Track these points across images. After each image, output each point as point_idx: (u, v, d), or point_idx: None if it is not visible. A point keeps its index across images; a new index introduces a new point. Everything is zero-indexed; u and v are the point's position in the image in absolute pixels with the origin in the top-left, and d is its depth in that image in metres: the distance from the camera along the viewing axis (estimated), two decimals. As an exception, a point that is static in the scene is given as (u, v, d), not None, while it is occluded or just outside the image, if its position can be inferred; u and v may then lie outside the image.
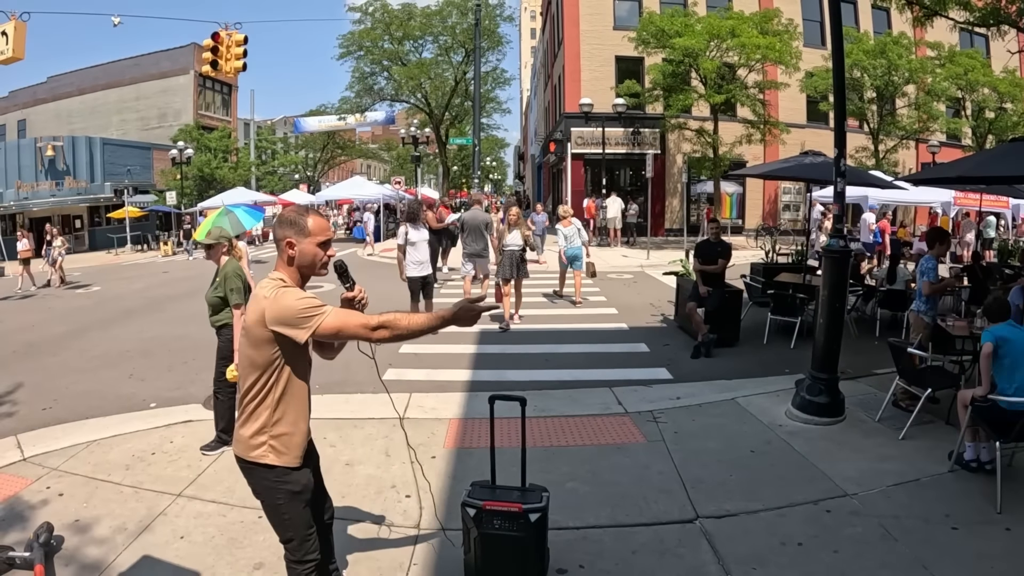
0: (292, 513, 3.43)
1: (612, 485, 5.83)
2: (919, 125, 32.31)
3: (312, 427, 7.25)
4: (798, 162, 12.35)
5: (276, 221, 3.52)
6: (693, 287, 11.42)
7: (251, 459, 3.34)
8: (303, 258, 3.38)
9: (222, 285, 6.67)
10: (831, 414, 7.30)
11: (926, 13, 13.85)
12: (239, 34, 18.22)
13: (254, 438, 3.33)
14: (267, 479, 3.37)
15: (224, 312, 6.74)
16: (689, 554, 4.74)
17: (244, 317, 3.40)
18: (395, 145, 73.44)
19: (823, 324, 7.51)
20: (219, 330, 6.86)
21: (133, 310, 15.83)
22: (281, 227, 3.40)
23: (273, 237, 3.61)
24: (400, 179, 47.38)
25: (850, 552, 4.73)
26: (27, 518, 5.28)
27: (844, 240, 7.58)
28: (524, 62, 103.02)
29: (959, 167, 10.63)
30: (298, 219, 3.41)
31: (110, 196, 41.05)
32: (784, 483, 5.84)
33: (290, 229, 3.37)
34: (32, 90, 57.61)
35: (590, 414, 7.67)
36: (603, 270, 21.90)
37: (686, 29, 27.78)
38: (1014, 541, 4.84)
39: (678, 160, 35.02)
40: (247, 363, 3.34)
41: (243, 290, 6.61)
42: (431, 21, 48.24)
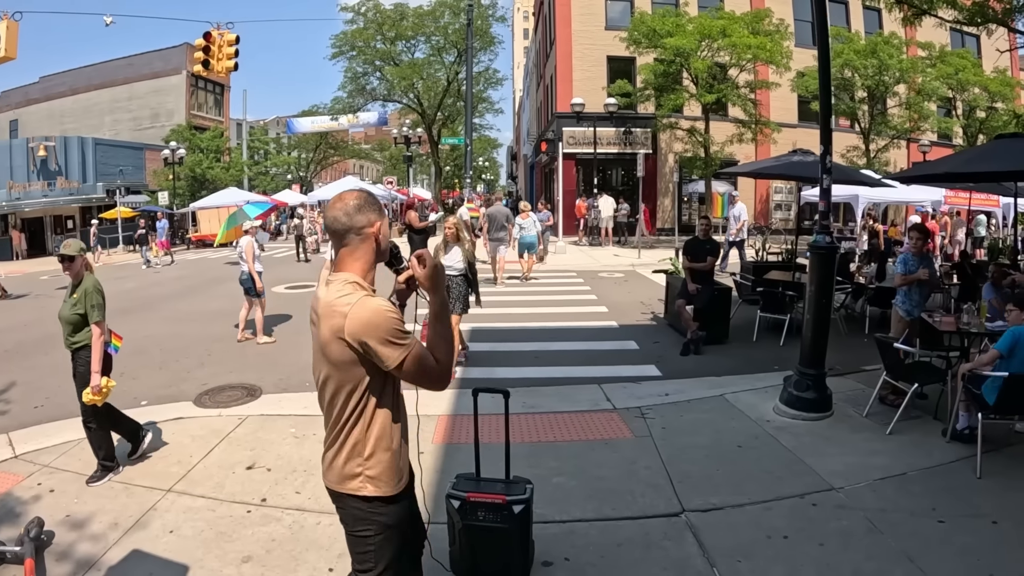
0: (380, 546, 3.03)
1: (599, 480, 5.86)
2: (910, 125, 32.41)
3: (301, 423, 7.37)
4: (787, 160, 12.41)
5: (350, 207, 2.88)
6: (682, 285, 11.46)
7: (346, 491, 2.97)
8: (383, 246, 2.97)
9: (82, 301, 5.94)
10: (818, 409, 7.35)
11: (915, 12, 13.90)
12: (231, 34, 18.24)
13: (347, 467, 2.94)
14: (360, 510, 2.99)
15: (85, 332, 6.01)
16: (674, 547, 4.78)
17: (317, 331, 2.88)
18: (388, 145, 73.37)
19: (810, 320, 7.57)
20: (77, 352, 6.09)
21: (125, 309, 15.77)
22: (362, 211, 2.88)
23: (337, 227, 2.90)
24: (392, 179, 47.48)
25: (836, 545, 4.77)
26: (18, 514, 5.31)
27: (831, 237, 7.63)
28: (517, 62, 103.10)
29: (947, 164, 10.71)
30: (376, 199, 2.99)
31: (102, 196, 40.94)
32: (771, 477, 5.88)
33: (374, 212, 2.91)
34: (24, 90, 57.34)
35: (579, 410, 7.70)
36: (594, 269, 21.99)
37: (677, 29, 27.79)
38: (1000, 534, 4.89)
39: (670, 159, 35.06)
40: (333, 383, 2.89)
41: (104, 306, 6.04)
42: (423, 21, 48.20)
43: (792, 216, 34.43)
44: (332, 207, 2.90)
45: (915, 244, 8.48)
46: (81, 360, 6.02)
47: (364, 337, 2.71)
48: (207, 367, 10.24)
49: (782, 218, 36.47)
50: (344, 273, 2.87)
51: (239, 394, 8.62)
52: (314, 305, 2.95)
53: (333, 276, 2.89)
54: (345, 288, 2.80)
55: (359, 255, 2.90)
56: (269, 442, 6.85)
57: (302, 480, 5.91)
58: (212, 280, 21.32)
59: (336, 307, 2.75)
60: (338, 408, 2.90)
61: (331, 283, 2.87)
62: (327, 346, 2.80)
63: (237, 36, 18.33)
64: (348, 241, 2.88)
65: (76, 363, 6.08)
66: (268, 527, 5.06)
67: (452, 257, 9.46)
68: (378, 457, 2.95)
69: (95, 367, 5.79)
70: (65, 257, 6.03)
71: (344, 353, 2.76)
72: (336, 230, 2.88)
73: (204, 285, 20.05)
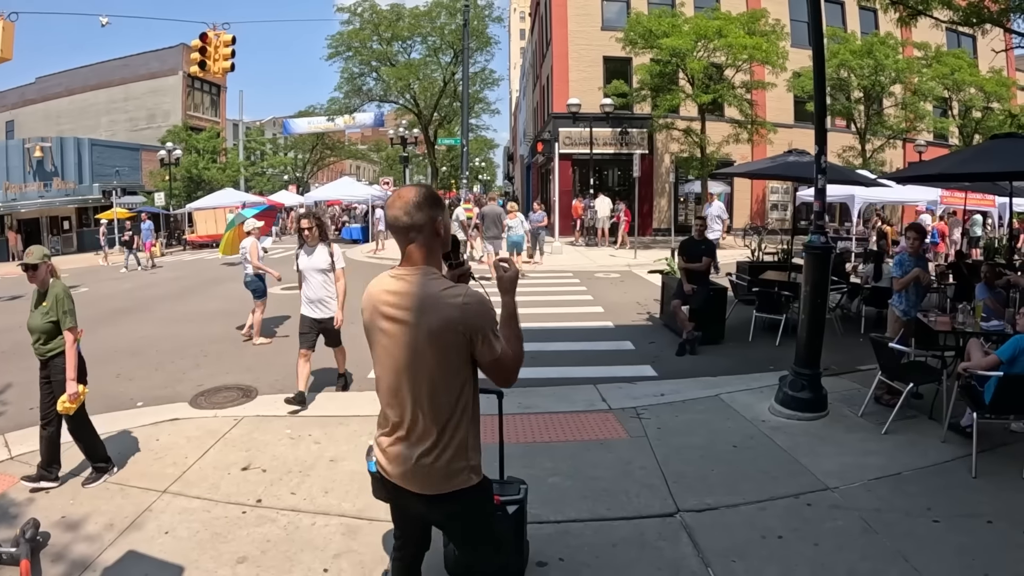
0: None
1: (594, 480, 5.86)
2: (906, 125, 32.48)
3: (297, 424, 7.38)
4: (783, 161, 12.43)
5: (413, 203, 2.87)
6: (678, 285, 11.47)
7: (453, 488, 2.94)
8: (445, 239, 2.99)
9: (54, 309, 5.78)
10: (814, 409, 7.35)
11: (911, 13, 13.92)
12: (227, 34, 18.23)
13: (453, 464, 2.92)
14: (473, 498, 3.02)
15: (58, 340, 5.85)
16: (669, 547, 4.77)
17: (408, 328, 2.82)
18: (384, 146, 73.29)
19: (805, 320, 7.58)
20: (50, 360, 5.90)
21: (121, 310, 15.78)
22: (423, 209, 2.86)
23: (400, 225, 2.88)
24: (389, 180, 47.45)
25: (830, 545, 4.77)
26: (14, 515, 5.31)
27: (825, 236, 7.63)
28: (513, 63, 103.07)
29: (942, 164, 10.72)
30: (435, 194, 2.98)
31: (98, 197, 40.88)
32: (766, 477, 5.88)
33: (437, 208, 2.92)
34: (20, 91, 57.26)
35: (574, 411, 7.70)
36: (590, 269, 22.00)
37: (673, 29, 27.85)
38: (995, 534, 4.88)
39: (666, 160, 35.11)
40: (430, 380, 2.85)
41: (75, 310, 5.88)
42: (420, 22, 48.15)
43: (788, 216, 34.46)
44: (393, 205, 2.89)
45: (912, 244, 8.48)
46: (56, 368, 5.87)
47: (480, 328, 2.78)
48: (203, 368, 10.22)
49: (778, 218, 36.51)
50: (421, 267, 2.88)
51: (235, 395, 8.61)
52: (391, 302, 2.89)
53: (406, 271, 2.89)
54: (442, 281, 2.85)
55: (427, 249, 2.90)
56: (264, 443, 6.84)
57: (297, 481, 5.90)
58: (209, 281, 21.29)
59: (445, 299, 2.78)
60: (441, 406, 2.88)
61: (406, 277, 2.87)
62: (436, 339, 2.79)
63: (233, 37, 18.33)
64: (413, 237, 2.87)
65: (51, 371, 5.91)
66: (263, 528, 5.06)
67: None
68: (478, 447, 3.04)
69: (70, 374, 5.69)
70: (28, 266, 5.84)
71: (455, 345, 2.79)
72: (399, 227, 2.88)
73: (201, 286, 20.02)
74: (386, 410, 3.02)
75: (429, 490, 2.94)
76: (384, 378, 2.99)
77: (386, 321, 2.90)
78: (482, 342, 2.80)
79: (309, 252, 8.26)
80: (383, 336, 2.93)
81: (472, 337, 2.79)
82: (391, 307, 2.88)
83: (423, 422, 2.89)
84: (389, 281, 2.92)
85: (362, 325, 3.04)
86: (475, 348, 2.81)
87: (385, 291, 2.91)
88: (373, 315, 2.96)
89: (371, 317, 2.97)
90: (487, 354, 2.82)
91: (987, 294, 8.77)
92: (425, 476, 2.92)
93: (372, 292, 2.98)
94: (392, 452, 2.99)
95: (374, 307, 2.94)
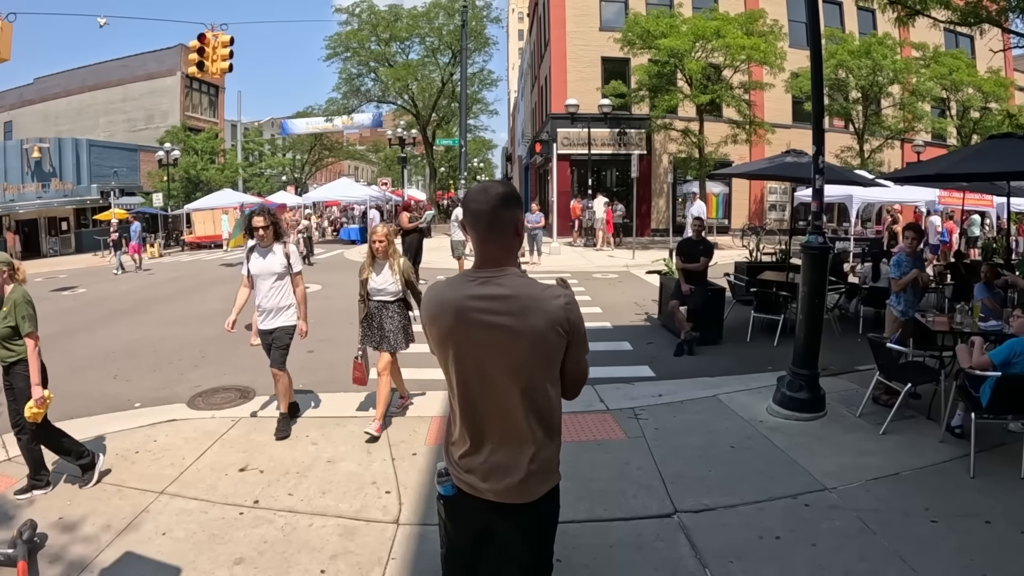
0: None
1: (591, 481, 5.85)
2: (904, 125, 32.52)
3: (294, 426, 7.38)
4: (780, 161, 12.43)
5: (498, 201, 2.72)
6: (676, 285, 11.46)
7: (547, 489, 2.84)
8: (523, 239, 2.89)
9: (12, 314, 5.57)
10: (812, 410, 7.35)
11: (909, 13, 13.93)
12: (225, 35, 18.23)
13: (553, 460, 2.84)
14: (553, 503, 2.92)
15: (19, 345, 5.64)
16: (666, 548, 4.77)
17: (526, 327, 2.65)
18: (382, 147, 73.33)
19: (803, 320, 7.58)
20: (12, 366, 5.71)
21: (119, 311, 15.77)
22: (508, 207, 2.72)
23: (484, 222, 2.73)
24: (387, 180, 47.35)
25: (828, 545, 4.77)
26: (11, 516, 5.31)
27: (823, 237, 7.63)
28: (512, 63, 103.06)
29: (940, 164, 10.71)
30: (517, 192, 2.84)
31: (97, 198, 40.85)
32: (763, 478, 5.88)
33: (520, 207, 2.79)
34: (19, 91, 57.26)
35: (571, 411, 7.62)
36: (588, 270, 22.00)
37: (671, 30, 27.88)
38: (993, 534, 4.88)
39: (664, 160, 35.16)
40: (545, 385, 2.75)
41: (36, 316, 5.73)
42: (418, 22, 48.27)
43: (786, 216, 34.48)
44: (477, 199, 2.75)
45: (910, 244, 8.48)
46: (17, 375, 5.70)
47: (578, 328, 2.73)
48: (200, 369, 10.21)
49: (776, 218, 36.54)
50: (509, 267, 2.74)
51: (232, 396, 8.60)
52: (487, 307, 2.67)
53: (493, 272, 2.72)
54: (538, 281, 2.73)
55: (509, 250, 2.77)
56: (262, 444, 6.83)
57: (295, 482, 5.90)
58: (207, 282, 21.27)
59: (547, 300, 2.68)
60: (543, 408, 2.76)
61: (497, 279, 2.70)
62: (541, 340, 2.65)
63: (232, 37, 18.35)
64: (496, 236, 2.73)
65: (13, 378, 5.73)
66: (260, 529, 5.06)
67: (383, 279, 7.29)
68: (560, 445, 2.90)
69: (35, 379, 5.58)
70: None
71: (558, 345, 2.70)
72: (482, 225, 2.73)
73: (199, 287, 20.00)
74: (476, 423, 2.79)
75: (531, 496, 2.79)
76: (475, 388, 2.76)
77: (482, 328, 2.68)
78: (578, 345, 2.76)
79: (263, 254, 7.28)
80: (475, 345, 2.71)
81: (571, 339, 2.72)
82: (487, 313, 2.67)
83: (526, 427, 2.74)
84: (474, 286, 2.71)
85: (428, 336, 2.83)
86: (569, 350, 2.74)
87: (473, 296, 2.70)
88: (459, 324, 2.70)
89: (456, 326, 2.71)
90: (577, 357, 2.79)
91: (986, 294, 8.77)
92: (521, 483, 2.75)
93: (452, 298, 2.74)
94: (488, 464, 2.77)
95: (460, 314, 2.70)
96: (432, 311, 2.78)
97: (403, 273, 7.28)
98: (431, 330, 2.80)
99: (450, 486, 2.89)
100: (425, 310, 2.82)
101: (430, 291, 2.85)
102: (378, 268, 7.29)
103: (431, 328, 2.80)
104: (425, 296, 2.86)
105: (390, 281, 7.25)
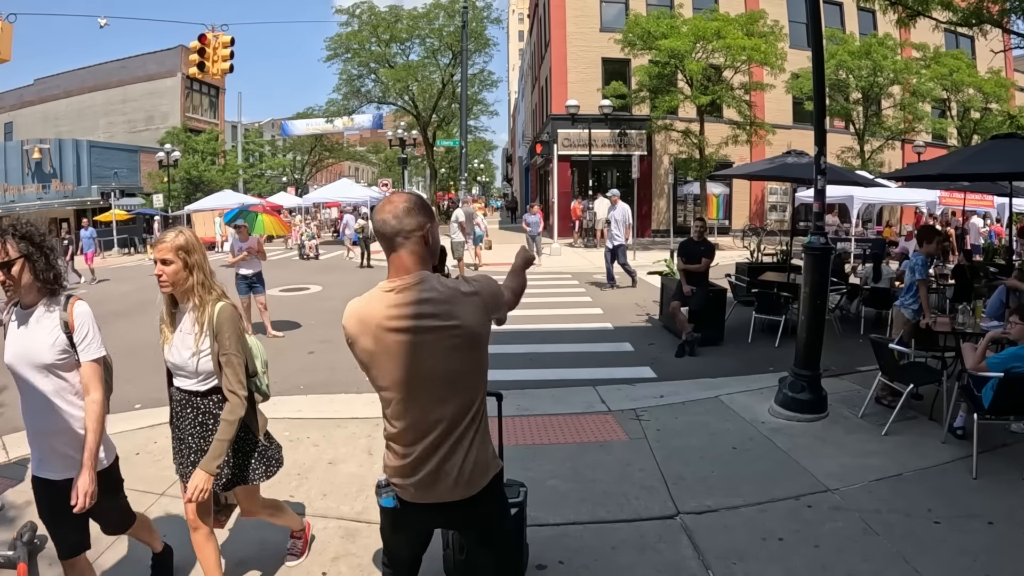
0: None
1: (593, 482, 5.83)
2: (905, 126, 32.50)
3: (295, 427, 7.34)
4: (781, 162, 12.39)
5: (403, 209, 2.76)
6: (677, 286, 11.44)
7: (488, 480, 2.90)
8: (434, 249, 2.86)
9: None
10: (814, 411, 7.32)
11: (909, 14, 13.91)
12: (225, 35, 18.23)
13: (486, 454, 2.90)
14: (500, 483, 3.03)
15: None
16: (669, 549, 4.75)
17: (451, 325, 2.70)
18: (383, 148, 73.32)
19: (805, 321, 7.55)
20: None
21: (120, 313, 15.73)
22: (412, 215, 2.75)
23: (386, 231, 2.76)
24: (388, 181, 47.35)
25: (831, 547, 4.74)
26: (12, 518, 5.27)
27: (825, 237, 7.60)
28: (512, 64, 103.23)
29: (941, 164, 10.70)
30: (425, 203, 2.86)
31: (97, 199, 40.88)
32: (766, 479, 5.85)
33: (424, 215, 2.79)
34: (19, 92, 57.28)
35: (573, 412, 7.66)
36: (589, 271, 21.97)
37: (672, 31, 27.88)
38: (996, 535, 4.86)
39: (664, 161, 35.15)
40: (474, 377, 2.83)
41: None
42: (418, 23, 48.22)
43: (787, 217, 34.47)
44: (382, 210, 2.77)
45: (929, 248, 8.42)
46: None
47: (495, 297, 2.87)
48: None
49: (777, 219, 36.53)
50: (419, 272, 2.76)
51: (233, 397, 8.56)
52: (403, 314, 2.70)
53: (405, 280, 2.74)
54: (442, 279, 2.79)
55: (418, 256, 2.77)
56: (262, 445, 6.80)
57: (295, 484, 5.87)
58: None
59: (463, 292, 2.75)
60: (474, 400, 2.83)
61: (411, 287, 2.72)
62: (470, 334, 2.74)
63: (232, 38, 18.36)
64: (400, 243, 2.74)
65: None
66: (260, 531, 5.03)
67: (180, 345, 3.89)
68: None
69: None
70: None
71: (485, 335, 2.81)
72: (386, 232, 2.75)
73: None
74: (409, 429, 2.80)
75: (471, 491, 2.85)
76: (406, 396, 2.77)
77: (401, 335, 2.70)
78: (499, 309, 2.91)
79: (21, 319, 3.62)
80: (400, 355, 2.72)
81: (493, 312, 2.86)
82: (411, 319, 2.70)
83: (463, 423, 2.79)
84: (391, 296, 2.73)
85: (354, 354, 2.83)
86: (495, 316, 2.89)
87: (393, 306, 2.72)
88: (380, 338, 2.73)
89: (376, 342, 2.74)
90: (503, 310, 2.95)
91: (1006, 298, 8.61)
92: (468, 478, 2.82)
93: (372, 313, 2.75)
94: (426, 470, 2.80)
95: (379, 329, 2.72)
96: (354, 330, 2.79)
97: (219, 335, 3.77)
98: (356, 349, 2.81)
99: (391, 498, 2.94)
100: (346, 329, 2.81)
101: (349, 308, 2.84)
102: (178, 321, 3.95)
103: (355, 347, 2.80)
104: (345, 314, 2.83)
105: (189, 351, 3.84)
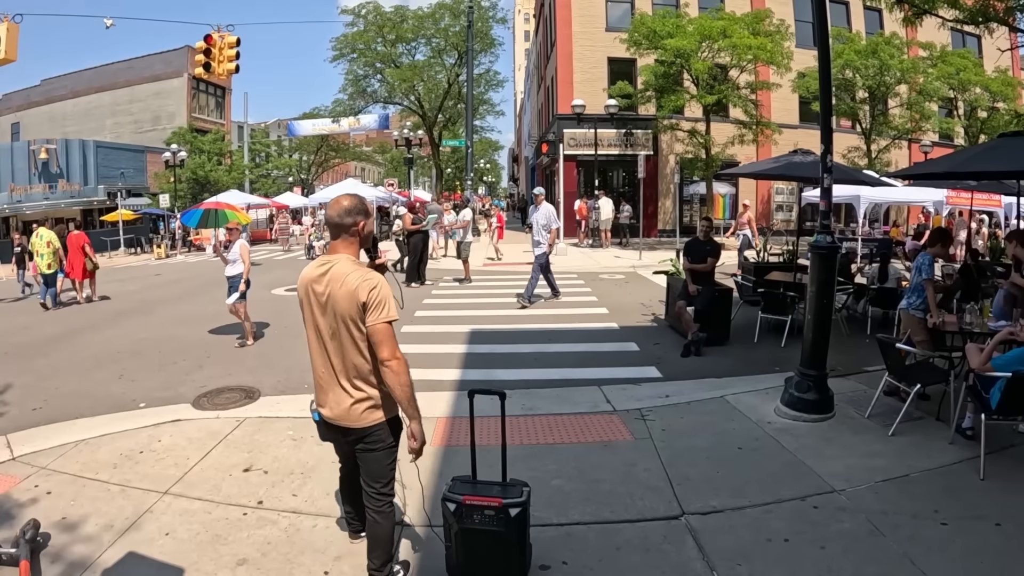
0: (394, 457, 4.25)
1: (598, 482, 5.81)
2: (911, 125, 32.33)
3: (299, 425, 7.35)
4: (788, 161, 12.35)
5: (344, 209, 3.93)
6: (683, 286, 11.42)
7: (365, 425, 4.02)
8: (366, 238, 4.03)
9: None
10: (820, 411, 7.29)
11: (916, 12, 13.84)
12: (231, 36, 18.26)
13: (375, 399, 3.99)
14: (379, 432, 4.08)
15: None
16: (674, 550, 4.73)
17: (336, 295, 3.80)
18: (389, 148, 73.42)
19: (811, 321, 7.52)
20: None
21: (125, 312, 15.77)
22: (351, 214, 3.92)
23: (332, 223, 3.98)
24: (393, 181, 47.45)
25: (837, 548, 4.72)
26: (15, 516, 5.28)
27: (831, 237, 7.57)
28: (518, 64, 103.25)
29: (948, 162, 10.65)
30: (363, 203, 4.03)
31: (103, 199, 40.97)
32: (771, 480, 5.83)
33: (361, 214, 3.96)
34: (25, 93, 57.52)
35: (578, 412, 7.65)
36: (595, 271, 21.95)
37: (678, 30, 27.78)
38: (1004, 536, 4.83)
39: (670, 161, 35.05)
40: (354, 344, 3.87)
41: None
42: (423, 23, 48.24)
43: (793, 217, 34.39)
44: (330, 207, 3.98)
45: (940, 251, 8.38)
46: None
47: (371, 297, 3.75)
48: (205, 369, 10.19)
49: (783, 219, 36.44)
50: (341, 255, 3.93)
51: (237, 396, 8.58)
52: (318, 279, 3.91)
53: (331, 258, 3.93)
54: (355, 265, 3.89)
55: (348, 244, 3.98)
56: (266, 444, 6.81)
57: (299, 483, 5.87)
58: (211, 283, 21.20)
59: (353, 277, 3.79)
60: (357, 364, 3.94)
61: (330, 263, 3.90)
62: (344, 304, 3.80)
63: (238, 38, 18.38)
64: (341, 235, 3.96)
65: None
66: (264, 530, 5.03)
67: None
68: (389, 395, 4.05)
69: None
70: None
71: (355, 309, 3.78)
72: (332, 225, 3.98)
73: (203, 288, 19.99)
74: (318, 368, 4.04)
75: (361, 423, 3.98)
76: (314, 341, 4.02)
77: (314, 296, 3.92)
78: (375, 310, 3.75)
79: None
80: (313, 308, 3.96)
81: (367, 305, 3.74)
82: (318, 283, 3.90)
83: (346, 374, 3.93)
84: (316, 267, 3.97)
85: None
86: (367, 313, 3.75)
87: (316, 275, 3.94)
88: (307, 294, 3.98)
89: (304, 295, 4.00)
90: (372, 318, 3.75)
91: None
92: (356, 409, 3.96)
93: (306, 277, 3.99)
94: (329, 399, 4.03)
95: (306, 287, 3.98)
96: (298, 286, 4.07)
97: None
98: (299, 299, 4.08)
99: (317, 412, 4.14)
100: (297, 286, 4.09)
101: (304, 270, 4.05)
102: None
103: (299, 298, 4.08)
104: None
105: None
